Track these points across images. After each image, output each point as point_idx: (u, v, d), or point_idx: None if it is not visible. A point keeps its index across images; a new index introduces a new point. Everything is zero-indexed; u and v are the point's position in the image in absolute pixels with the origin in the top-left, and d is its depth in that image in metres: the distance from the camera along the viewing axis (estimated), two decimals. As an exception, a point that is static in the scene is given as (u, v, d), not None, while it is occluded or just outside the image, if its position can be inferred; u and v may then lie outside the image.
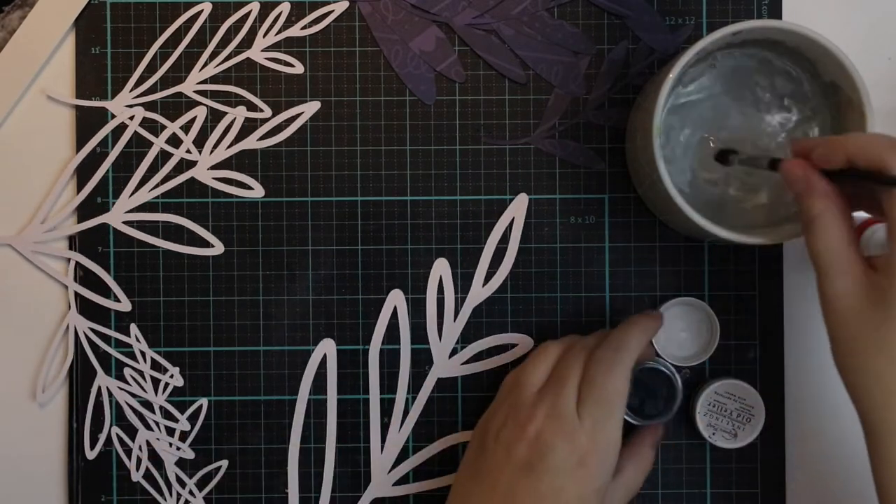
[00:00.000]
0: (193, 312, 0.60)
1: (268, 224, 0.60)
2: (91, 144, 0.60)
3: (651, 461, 0.54)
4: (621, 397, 0.49)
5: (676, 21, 0.60)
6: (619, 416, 0.49)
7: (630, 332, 0.52)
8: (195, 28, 0.60)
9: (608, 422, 0.48)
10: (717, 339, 0.58)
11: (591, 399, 0.49)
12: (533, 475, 0.48)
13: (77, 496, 0.59)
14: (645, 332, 0.53)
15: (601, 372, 0.49)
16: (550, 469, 0.47)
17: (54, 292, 0.60)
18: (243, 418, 0.60)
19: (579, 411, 0.49)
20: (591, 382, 0.49)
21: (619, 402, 0.49)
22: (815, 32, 0.50)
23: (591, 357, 0.51)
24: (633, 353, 0.51)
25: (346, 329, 0.60)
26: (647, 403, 0.55)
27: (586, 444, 0.48)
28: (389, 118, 0.60)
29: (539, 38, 0.60)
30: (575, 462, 0.47)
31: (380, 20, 0.60)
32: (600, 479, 0.48)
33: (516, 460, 0.48)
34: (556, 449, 0.47)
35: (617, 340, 0.51)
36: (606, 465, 0.48)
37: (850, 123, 0.52)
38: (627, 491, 0.52)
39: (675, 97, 0.54)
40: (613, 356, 0.50)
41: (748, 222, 0.54)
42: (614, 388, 0.49)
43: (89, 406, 0.59)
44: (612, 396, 0.49)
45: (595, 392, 0.49)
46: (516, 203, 0.59)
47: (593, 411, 0.48)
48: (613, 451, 0.49)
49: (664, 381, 0.55)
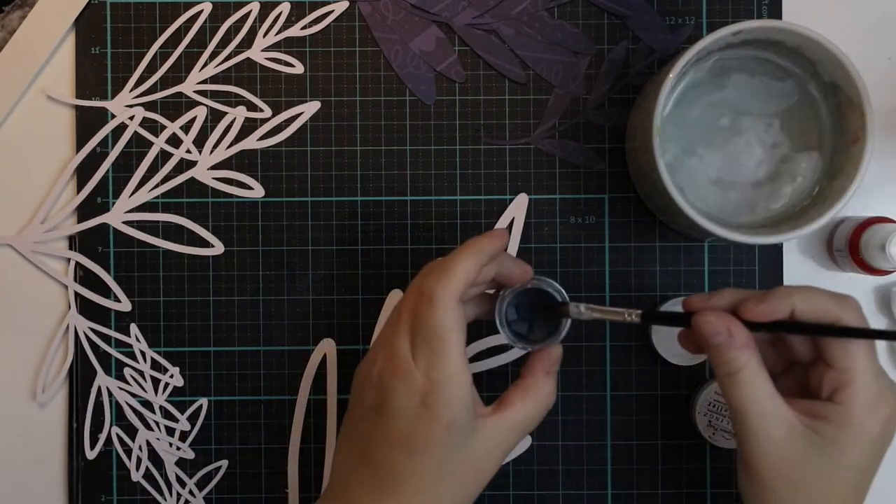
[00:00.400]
0: (193, 312, 0.60)
1: (268, 224, 0.60)
2: (91, 144, 0.60)
3: (547, 391, 0.48)
4: (451, 329, 0.44)
5: (676, 21, 0.60)
6: (453, 348, 0.44)
7: (456, 257, 0.46)
8: (195, 28, 0.60)
9: (441, 356, 0.44)
10: (717, 339, 0.58)
11: (420, 336, 0.45)
12: (381, 420, 0.45)
13: (77, 496, 0.59)
14: (476, 253, 0.46)
15: (423, 306, 0.45)
16: (394, 412, 0.44)
17: (54, 292, 0.60)
18: (243, 418, 0.60)
19: (413, 350, 0.45)
20: (416, 319, 0.45)
21: (450, 335, 0.44)
22: (815, 32, 0.50)
23: (417, 291, 0.46)
24: (458, 280, 0.45)
25: (346, 329, 0.60)
26: (536, 327, 0.50)
27: (423, 383, 0.44)
28: (389, 118, 0.60)
29: (539, 38, 0.60)
30: (417, 402, 0.44)
31: (380, 20, 0.60)
32: (446, 415, 0.44)
33: (366, 405, 0.46)
34: (395, 391, 0.44)
35: (439, 269, 0.46)
36: (453, 401, 0.44)
37: (850, 123, 0.52)
38: (515, 426, 0.47)
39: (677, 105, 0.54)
40: (435, 286, 0.45)
41: (749, 222, 0.55)
42: (438, 320, 0.44)
43: (89, 406, 0.59)
44: (439, 330, 0.44)
45: (421, 329, 0.45)
46: (516, 203, 0.59)
47: (423, 348, 0.44)
48: (456, 386, 0.44)
49: (550, 302, 0.50)
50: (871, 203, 0.59)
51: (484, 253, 0.47)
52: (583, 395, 0.60)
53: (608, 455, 0.60)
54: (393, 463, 0.45)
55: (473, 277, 0.46)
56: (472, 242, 0.47)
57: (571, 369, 0.60)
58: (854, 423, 0.44)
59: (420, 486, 0.44)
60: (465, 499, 0.46)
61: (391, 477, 0.45)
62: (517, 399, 0.47)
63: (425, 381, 0.44)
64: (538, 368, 0.48)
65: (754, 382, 0.44)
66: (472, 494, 0.46)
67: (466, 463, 0.45)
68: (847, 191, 0.50)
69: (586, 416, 0.60)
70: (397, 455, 0.44)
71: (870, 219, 0.57)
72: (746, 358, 0.44)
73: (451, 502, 0.46)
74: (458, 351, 0.45)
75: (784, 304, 0.44)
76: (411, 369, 0.44)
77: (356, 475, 0.46)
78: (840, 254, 0.58)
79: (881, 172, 0.59)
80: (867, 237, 0.56)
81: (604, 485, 0.60)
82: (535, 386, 0.48)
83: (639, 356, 0.60)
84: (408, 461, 0.44)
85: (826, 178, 0.54)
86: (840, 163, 0.53)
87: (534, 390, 0.48)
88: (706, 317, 0.45)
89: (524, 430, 0.47)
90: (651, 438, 0.60)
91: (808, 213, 0.53)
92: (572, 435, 0.60)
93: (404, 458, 0.44)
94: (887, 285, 0.60)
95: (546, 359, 0.49)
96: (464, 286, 0.45)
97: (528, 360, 0.49)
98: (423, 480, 0.44)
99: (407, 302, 0.46)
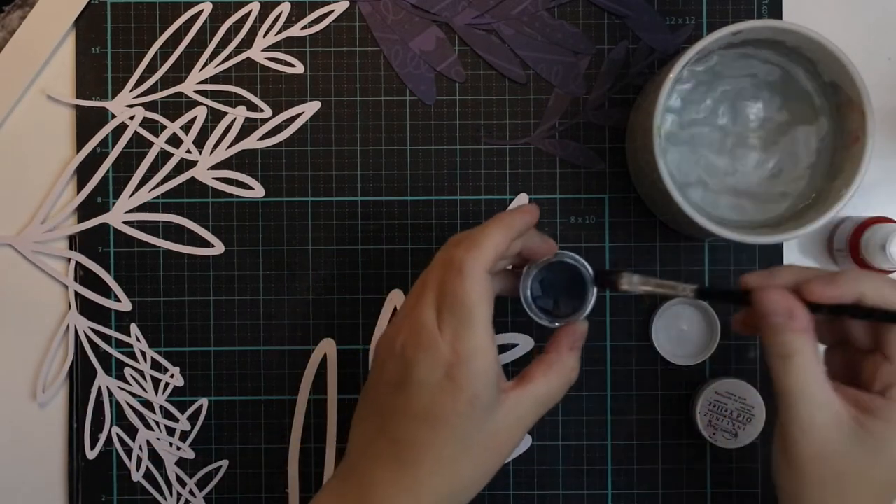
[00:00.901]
0: (193, 312, 0.60)
1: (268, 224, 0.60)
2: (91, 144, 0.60)
3: (571, 366, 0.48)
4: (479, 300, 0.44)
5: (676, 21, 0.60)
6: (481, 320, 0.44)
7: (486, 228, 0.46)
8: (195, 28, 0.60)
9: (468, 328, 0.44)
10: (718, 339, 0.58)
11: (446, 307, 0.44)
12: (403, 392, 0.44)
13: (77, 496, 0.59)
14: (505, 227, 0.46)
15: (451, 277, 0.44)
16: (417, 384, 0.44)
17: (54, 292, 0.60)
18: (243, 418, 0.60)
19: (438, 321, 0.44)
20: (443, 290, 0.44)
21: (478, 306, 0.44)
22: (816, 32, 0.50)
23: (445, 261, 0.45)
24: (488, 251, 0.45)
25: (346, 329, 0.60)
26: (561, 303, 0.49)
27: (449, 355, 0.43)
28: (389, 118, 0.60)
29: (539, 38, 0.60)
30: (441, 375, 0.43)
31: (380, 20, 0.60)
32: (471, 389, 0.43)
33: (388, 378, 0.45)
34: (418, 363, 0.44)
35: (469, 240, 0.45)
36: (478, 375, 0.43)
37: (851, 123, 0.52)
38: (537, 401, 0.46)
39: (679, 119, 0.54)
40: (465, 256, 0.44)
41: (749, 222, 0.55)
42: (466, 291, 0.44)
43: (89, 406, 0.59)
44: (467, 301, 0.44)
45: (448, 299, 0.44)
46: (516, 203, 0.59)
47: (450, 320, 0.44)
48: (483, 358, 0.44)
49: (576, 276, 0.49)
50: (871, 203, 0.59)
51: (514, 228, 0.46)
52: (583, 395, 0.60)
53: (608, 455, 0.60)
54: (413, 436, 0.44)
55: (503, 250, 0.46)
56: (503, 215, 0.47)
57: (571, 369, 0.60)
58: None
59: (440, 459, 0.44)
60: (485, 473, 0.46)
61: (411, 450, 0.44)
62: (540, 373, 0.46)
63: (451, 354, 0.43)
64: (563, 343, 0.48)
65: (807, 369, 0.43)
66: (491, 469, 0.46)
67: (488, 437, 0.45)
68: (847, 191, 0.50)
69: (586, 416, 0.60)
70: (418, 428, 0.44)
71: (870, 219, 0.57)
72: (802, 342, 0.43)
73: (470, 476, 0.45)
74: (486, 324, 0.44)
75: (852, 288, 0.43)
76: (437, 341, 0.44)
77: (374, 448, 0.45)
78: (840, 254, 0.58)
79: (881, 172, 0.59)
80: (867, 237, 0.56)
81: (604, 485, 0.60)
82: (559, 360, 0.47)
83: (639, 356, 0.60)
84: (429, 434, 0.44)
85: (826, 178, 0.54)
86: (840, 163, 0.53)
87: (558, 365, 0.47)
88: (771, 294, 0.44)
89: (546, 405, 0.47)
90: (651, 438, 0.60)
91: (808, 213, 0.53)
92: (572, 435, 0.60)
93: (426, 431, 0.44)
94: (887, 285, 0.60)
95: (571, 334, 0.48)
96: (493, 258, 0.45)
97: (553, 335, 0.49)
98: (442, 454, 0.44)
99: (433, 273, 0.45)
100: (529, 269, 0.49)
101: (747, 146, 0.55)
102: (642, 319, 0.60)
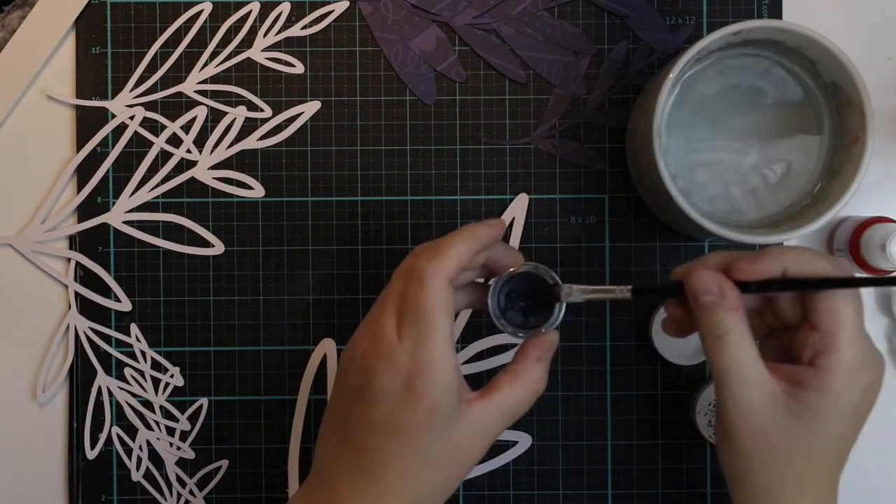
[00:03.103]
0: (193, 312, 0.60)
1: (268, 224, 0.60)
2: (91, 144, 0.60)
3: (538, 377, 0.47)
4: (440, 310, 0.44)
5: (676, 21, 0.60)
6: (441, 330, 0.44)
7: (450, 239, 0.45)
8: (195, 28, 0.60)
9: (429, 339, 0.43)
10: (718, 339, 0.58)
11: (407, 317, 0.44)
12: (364, 402, 0.44)
13: (77, 496, 0.59)
14: (469, 238, 0.46)
15: (412, 286, 0.44)
16: (377, 394, 0.43)
17: (54, 292, 0.60)
18: (243, 418, 0.60)
19: (399, 331, 0.44)
20: (404, 299, 0.44)
21: (438, 316, 0.43)
22: (816, 32, 0.50)
23: (407, 271, 0.45)
24: (450, 262, 0.44)
25: (346, 329, 0.60)
26: (529, 315, 0.49)
27: (408, 365, 0.43)
28: (389, 118, 0.60)
29: (539, 38, 0.60)
30: (400, 385, 0.43)
31: (380, 20, 0.60)
32: (430, 399, 0.43)
33: (349, 388, 0.45)
34: (378, 373, 0.43)
35: (432, 250, 0.45)
36: (438, 385, 0.43)
37: (851, 123, 0.52)
38: (503, 411, 0.46)
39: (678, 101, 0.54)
40: (426, 266, 0.44)
41: (749, 222, 0.55)
42: (427, 300, 0.43)
43: (89, 406, 0.59)
44: (428, 310, 0.43)
45: (408, 309, 0.44)
46: (516, 203, 0.60)
47: (410, 329, 0.44)
48: (442, 368, 0.43)
49: (545, 288, 0.48)
50: (871, 203, 0.59)
51: (478, 240, 0.46)
52: (583, 394, 0.60)
53: (608, 455, 0.60)
54: (375, 446, 0.44)
55: (466, 262, 0.45)
56: (468, 228, 0.46)
57: (571, 369, 0.60)
58: (833, 389, 0.43)
59: (402, 470, 0.44)
60: (448, 484, 0.45)
61: (373, 460, 0.44)
62: (506, 383, 0.46)
63: (410, 363, 0.43)
64: (530, 354, 0.47)
65: (740, 346, 0.44)
66: (455, 479, 0.45)
67: (450, 448, 0.44)
68: (847, 191, 0.50)
69: (586, 416, 0.60)
70: (379, 438, 0.44)
71: (870, 219, 0.57)
72: (735, 321, 0.44)
73: (433, 487, 0.45)
74: (446, 334, 0.44)
75: (776, 263, 0.44)
76: (396, 350, 0.43)
77: (338, 459, 0.45)
78: (840, 253, 0.58)
79: (881, 172, 0.59)
80: (867, 237, 0.56)
81: (604, 485, 0.60)
82: (526, 371, 0.47)
83: (639, 356, 0.60)
84: (390, 445, 0.43)
85: (826, 177, 0.54)
86: (840, 163, 0.53)
87: (524, 375, 0.47)
88: (699, 273, 0.45)
89: (512, 416, 0.46)
90: (651, 438, 0.60)
91: (808, 212, 0.53)
92: (572, 435, 0.60)
93: (386, 441, 0.43)
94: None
95: (539, 345, 0.48)
96: (455, 269, 0.45)
97: (522, 345, 0.48)
98: (405, 464, 0.44)
99: (395, 283, 0.45)
100: (497, 280, 0.49)
101: (747, 146, 0.55)
102: (642, 319, 0.60)
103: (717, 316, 0.44)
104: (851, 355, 0.43)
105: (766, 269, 0.44)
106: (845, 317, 0.44)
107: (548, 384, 0.49)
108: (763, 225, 0.54)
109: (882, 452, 0.59)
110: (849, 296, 0.44)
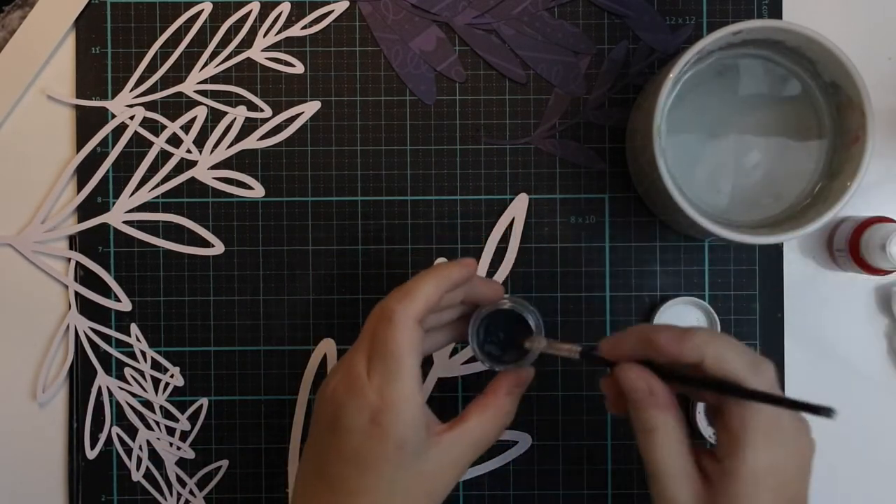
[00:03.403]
0: (193, 312, 0.60)
1: (268, 224, 0.60)
2: (91, 144, 0.60)
3: (506, 410, 0.49)
4: (407, 349, 0.45)
5: (676, 21, 0.60)
6: (408, 368, 0.45)
7: (419, 280, 0.47)
8: (195, 28, 0.60)
9: (396, 376, 0.45)
10: (718, 339, 0.58)
11: (376, 355, 0.45)
12: (334, 436, 0.46)
13: (77, 496, 0.59)
14: (439, 278, 0.47)
15: (382, 326, 0.46)
16: (346, 428, 0.45)
17: (54, 292, 0.60)
18: (243, 418, 0.60)
19: (368, 368, 0.46)
20: (374, 338, 0.46)
21: (406, 355, 0.45)
22: (816, 32, 0.50)
23: (379, 311, 0.47)
24: (418, 302, 0.46)
25: (346, 329, 0.60)
26: (508, 349, 0.50)
27: (376, 401, 0.45)
28: (389, 118, 0.60)
29: (539, 38, 0.60)
30: (367, 420, 0.44)
31: (380, 20, 0.60)
32: (398, 434, 0.44)
33: (323, 422, 0.47)
34: (346, 408, 0.45)
35: (401, 290, 0.46)
36: (405, 421, 0.44)
37: (851, 123, 0.52)
38: (471, 442, 0.47)
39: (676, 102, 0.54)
40: (395, 306, 0.46)
41: (749, 222, 0.55)
42: (395, 340, 0.45)
43: (89, 406, 0.59)
44: (395, 349, 0.45)
45: (378, 347, 0.45)
46: (516, 203, 0.60)
47: (378, 367, 0.45)
48: (409, 404, 0.45)
49: (523, 324, 0.50)
50: (871, 203, 0.59)
51: (448, 279, 0.47)
52: (583, 395, 0.60)
53: (608, 455, 0.60)
54: (346, 478, 0.45)
55: (435, 301, 0.46)
56: (439, 267, 0.48)
57: (571, 369, 0.60)
58: (739, 494, 0.43)
59: (373, 502, 0.45)
60: None
61: (345, 492, 0.45)
62: (474, 415, 0.48)
63: (377, 400, 0.45)
64: (501, 387, 0.49)
65: (667, 445, 0.44)
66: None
67: (420, 479, 0.46)
68: (847, 191, 0.50)
69: (586, 416, 0.60)
70: (350, 471, 0.45)
71: (870, 218, 0.57)
72: (664, 419, 0.44)
73: None
74: (413, 372, 0.45)
75: (697, 350, 0.43)
76: (364, 387, 0.45)
77: (313, 490, 0.47)
78: (840, 253, 0.58)
79: (881, 172, 0.59)
80: (867, 237, 0.56)
81: (604, 485, 0.60)
82: (495, 404, 0.48)
83: (639, 356, 0.60)
84: (360, 478, 0.45)
85: (826, 177, 0.54)
86: (840, 163, 0.53)
87: (493, 408, 0.48)
88: (629, 372, 0.45)
89: (480, 448, 0.48)
90: (651, 438, 0.60)
91: (808, 212, 0.53)
92: (572, 435, 0.60)
93: (356, 474, 0.45)
94: (887, 285, 0.60)
95: (512, 379, 0.49)
96: (423, 308, 0.46)
97: (495, 377, 0.50)
98: (376, 497, 0.45)
99: (368, 323, 0.47)
100: (476, 315, 0.50)
101: (747, 146, 0.55)
102: (642, 320, 0.60)
103: (646, 413, 0.44)
104: (754, 462, 0.43)
105: (685, 352, 0.44)
106: (753, 424, 0.43)
107: (548, 384, 0.49)
108: (763, 225, 0.54)
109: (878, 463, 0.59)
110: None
